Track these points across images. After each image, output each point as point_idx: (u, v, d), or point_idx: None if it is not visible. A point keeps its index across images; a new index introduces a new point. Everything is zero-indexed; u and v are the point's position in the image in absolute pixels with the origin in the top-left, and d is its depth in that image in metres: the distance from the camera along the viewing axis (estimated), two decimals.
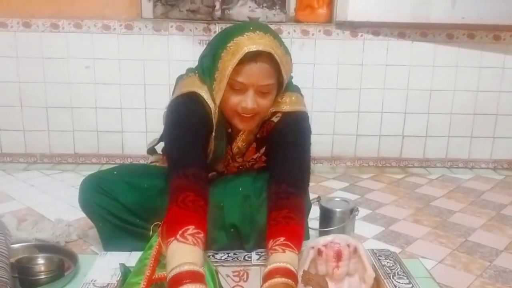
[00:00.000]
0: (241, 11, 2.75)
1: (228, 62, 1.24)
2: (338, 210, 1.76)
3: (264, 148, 1.49)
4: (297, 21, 2.67)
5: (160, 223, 1.21)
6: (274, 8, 2.79)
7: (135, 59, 2.60)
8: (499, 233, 1.90)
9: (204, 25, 2.58)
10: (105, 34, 2.57)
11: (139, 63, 2.61)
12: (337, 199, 1.88)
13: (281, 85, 1.35)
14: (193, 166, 1.26)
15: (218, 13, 2.68)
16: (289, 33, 2.59)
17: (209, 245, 1.41)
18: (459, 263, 1.64)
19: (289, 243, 1.19)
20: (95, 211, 1.49)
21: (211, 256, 1.39)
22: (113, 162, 2.66)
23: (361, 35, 2.63)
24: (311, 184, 1.47)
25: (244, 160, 1.52)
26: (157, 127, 2.51)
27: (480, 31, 2.64)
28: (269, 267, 1.15)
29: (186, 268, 1.05)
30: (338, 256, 1.22)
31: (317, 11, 2.65)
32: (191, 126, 1.32)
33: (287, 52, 1.33)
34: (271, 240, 1.21)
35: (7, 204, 2.12)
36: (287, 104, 1.40)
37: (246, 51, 1.22)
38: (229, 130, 1.44)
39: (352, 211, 1.77)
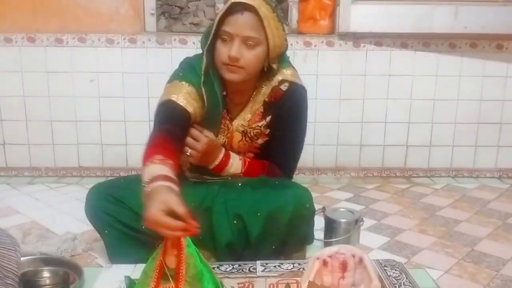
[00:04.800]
0: None
1: (218, 15, 1.41)
2: (343, 220, 1.76)
3: (270, 118, 1.56)
4: (299, 32, 2.68)
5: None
6: None
7: (139, 72, 2.62)
8: (506, 243, 1.89)
9: None
10: (109, 48, 2.59)
11: (142, 76, 2.63)
12: (342, 209, 1.87)
13: (270, 48, 1.43)
14: (171, 123, 1.41)
15: None
16: (291, 44, 2.60)
17: (215, 242, 1.48)
18: (465, 272, 1.62)
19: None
20: (101, 218, 1.51)
21: (216, 268, 1.38)
22: (117, 175, 2.66)
23: (364, 46, 2.64)
24: (315, 194, 1.48)
25: (250, 126, 1.56)
26: None
27: (483, 40, 2.64)
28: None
29: (158, 173, 1.15)
30: (344, 267, 1.21)
31: (320, 22, 2.66)
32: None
33: (279, 19, 1.45)
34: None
35: (12, 217, 2.12)
36: (292, 76, 1.53)
37: (232, 1, 1.38)
38: (224, 93, 1.53)
39: (357, 222, 1.77)
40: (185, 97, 1.44)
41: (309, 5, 2.64)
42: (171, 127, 1.39)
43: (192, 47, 2.59)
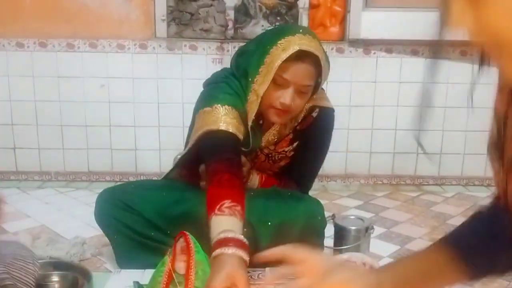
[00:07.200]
0: (254, 30, 2.76)
1: (277, 56, 1.30)
2: (353, 228, 1.74)
3: (297, 143, 1.55)
4: None
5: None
6: None
7: (149, 77, 2.63)
8: None
9: (217, 44, 2.61)
10: (119, 53, 2.61)
11: (153, 82, 2.64)
12: (351, 217, 1.86)
13: (316, 89, 1.43)
14: (228, 151, 1.33)
15: (231, 32, 2.71)
16: None
17: None
18: (477, 282, 1.60)
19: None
20: (111, 223, 1.51)
21: None
22: (127, 180, 2.67)
23: (374, 53, 2.63)
24: (324, 201, 1.48)
25: (275, 150, 1.55)
26: (171, 145, 2.55)
27: None
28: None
29: (231, 235, 1.12)
30: None
31: (330, 29, 2.66)
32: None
33: (327, 60, 1.41)
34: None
35: (22, 221, 2.13)
36: (321, 99, 1.52)
37: (298, 48, 1.29)
38: (261, 122, 1.49)
39: (367, 229, 1.75)
40: (233, 124, 1.36)
41: (319, 11, 2.65)
42: (232, 156, 1.32)
43: (202, 53, 2.60)
